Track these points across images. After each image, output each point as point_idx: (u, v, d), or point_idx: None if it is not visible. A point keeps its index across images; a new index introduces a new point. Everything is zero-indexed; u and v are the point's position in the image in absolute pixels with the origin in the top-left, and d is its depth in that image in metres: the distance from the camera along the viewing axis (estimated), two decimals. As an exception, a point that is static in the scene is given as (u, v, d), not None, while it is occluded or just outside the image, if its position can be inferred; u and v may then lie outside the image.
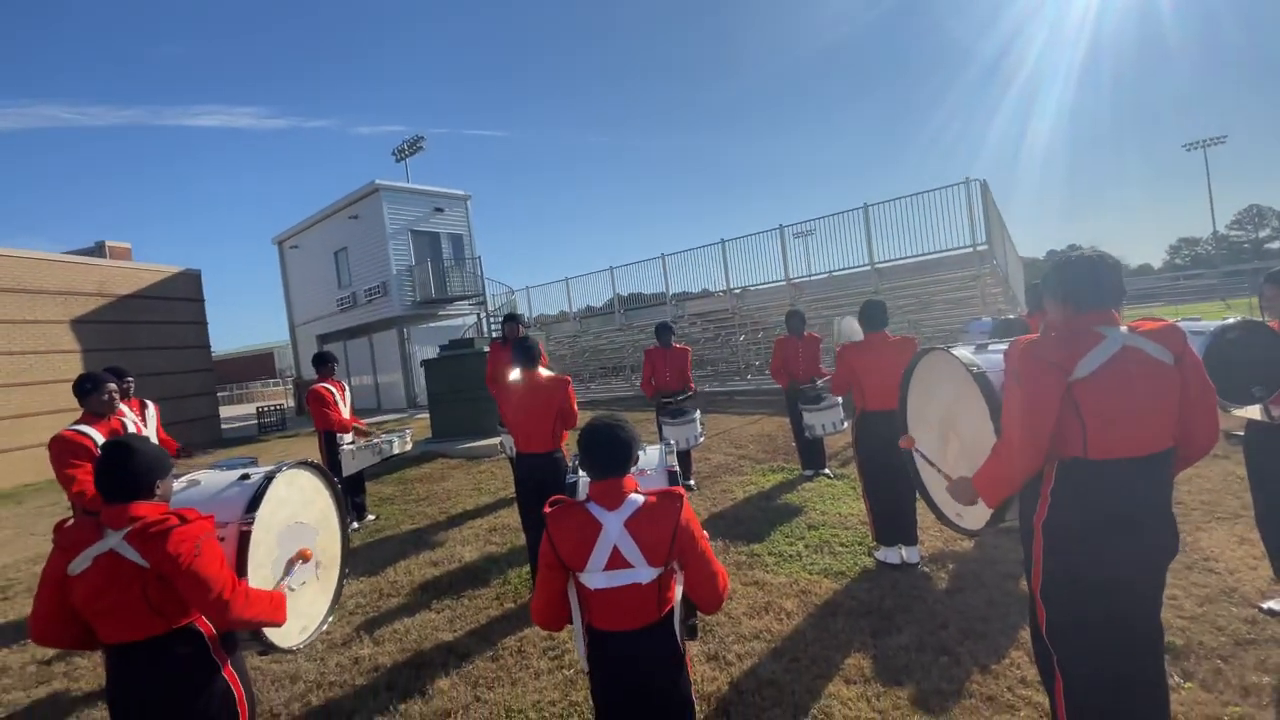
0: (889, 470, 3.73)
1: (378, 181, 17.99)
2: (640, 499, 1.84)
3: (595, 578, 1.81)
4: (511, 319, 6.08)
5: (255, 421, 17.24)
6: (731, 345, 15.69)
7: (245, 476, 2.56)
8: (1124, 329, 1.93)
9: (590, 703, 2.80)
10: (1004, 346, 2.54)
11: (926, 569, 3.81)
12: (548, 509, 1.91)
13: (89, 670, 3.70)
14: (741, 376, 14.54)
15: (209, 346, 16.98)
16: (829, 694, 2.74)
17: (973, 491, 2.19)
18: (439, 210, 19.23)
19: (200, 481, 2.56)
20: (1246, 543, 3.70)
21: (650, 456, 2.31)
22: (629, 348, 17.29)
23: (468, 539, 5.19)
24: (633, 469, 1.95)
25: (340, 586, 2.93)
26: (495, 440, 8.27)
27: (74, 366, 13.62)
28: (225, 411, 19.85)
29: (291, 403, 21.57)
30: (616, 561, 1.80)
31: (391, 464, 7.85)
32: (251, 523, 2.32)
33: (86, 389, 3.47)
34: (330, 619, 2.79)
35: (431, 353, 12.14)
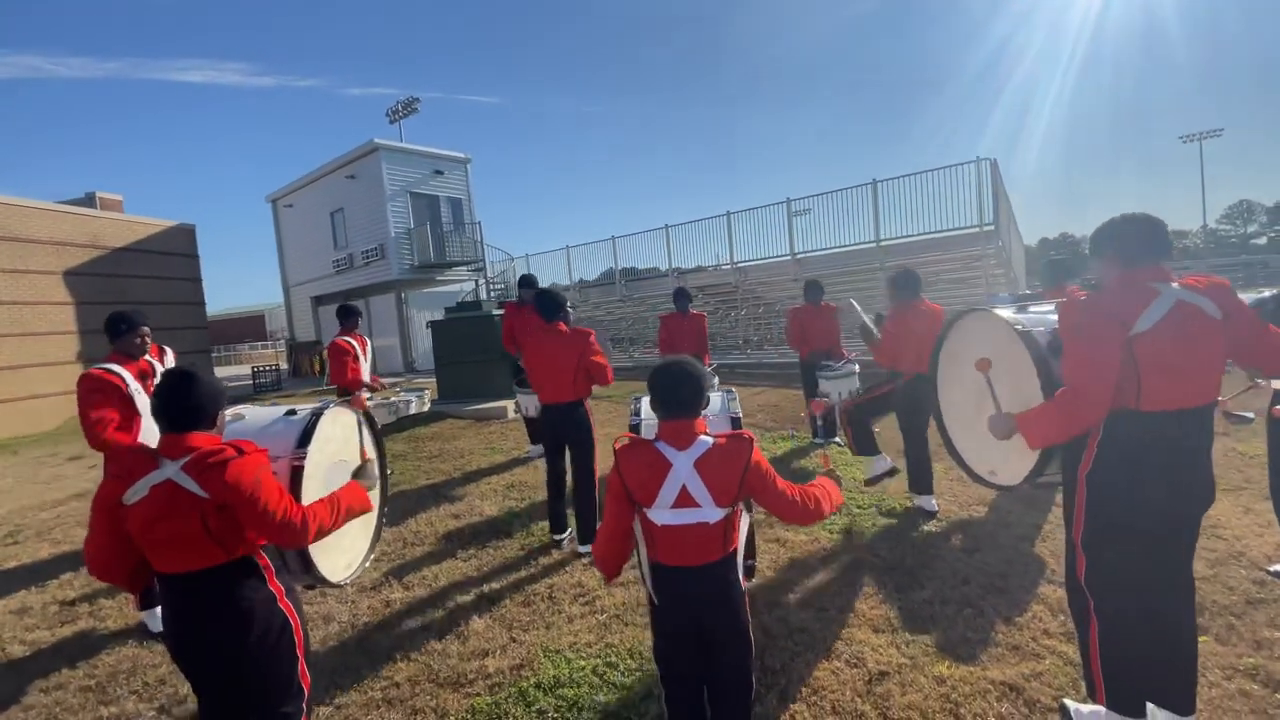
0: (913, 430, 4.03)
1: (377, 140, 17.62)
2: (710, 440, 1.87)
3: (662, 514, 1.86)
4: (528, 282, 6.06)
5: (250, 381, 17.12)
6: (731, 319, 15.73)
7: (291, 413, 2.57)
8: (1175, 284, 1.98)
9: (624, 644, 2.90)
10: (1045, 306, 2.60)
11: (943, 529, 3.92)
12: (617, 445, 1.95)
13: (114, 610, 3.73)
14: (741, 351, 14.61)
15: (203, 303, 16.77)
16: (859, 640, 2.84)
17: (1012, 429, 2.21)
18: (438, 173, 18.91)
19: (245, 416, 2.58)
20: (1251, 512, 3.84)
21: (712, 402, 2.34)
22: (629, 319, 17.28)
23: (486, 494, 5.25)
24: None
25: (380, 526, 2.98)
26: (503, 403, 8.30)
27: (66, 319, 13.43)
28: (216, 372, 19.67)
29: (285, 365, 21.36)
30: (684, 500, 1.83)
31: (400, 423, 7.85)
32: (304, 458, 2.34)
33: (121, 329, 3.44)
34: (371, 557, 2.83)
35: (428, 318, 12.08)
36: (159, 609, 3.36)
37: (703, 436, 1.88)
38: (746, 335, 15.20)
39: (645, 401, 2.63)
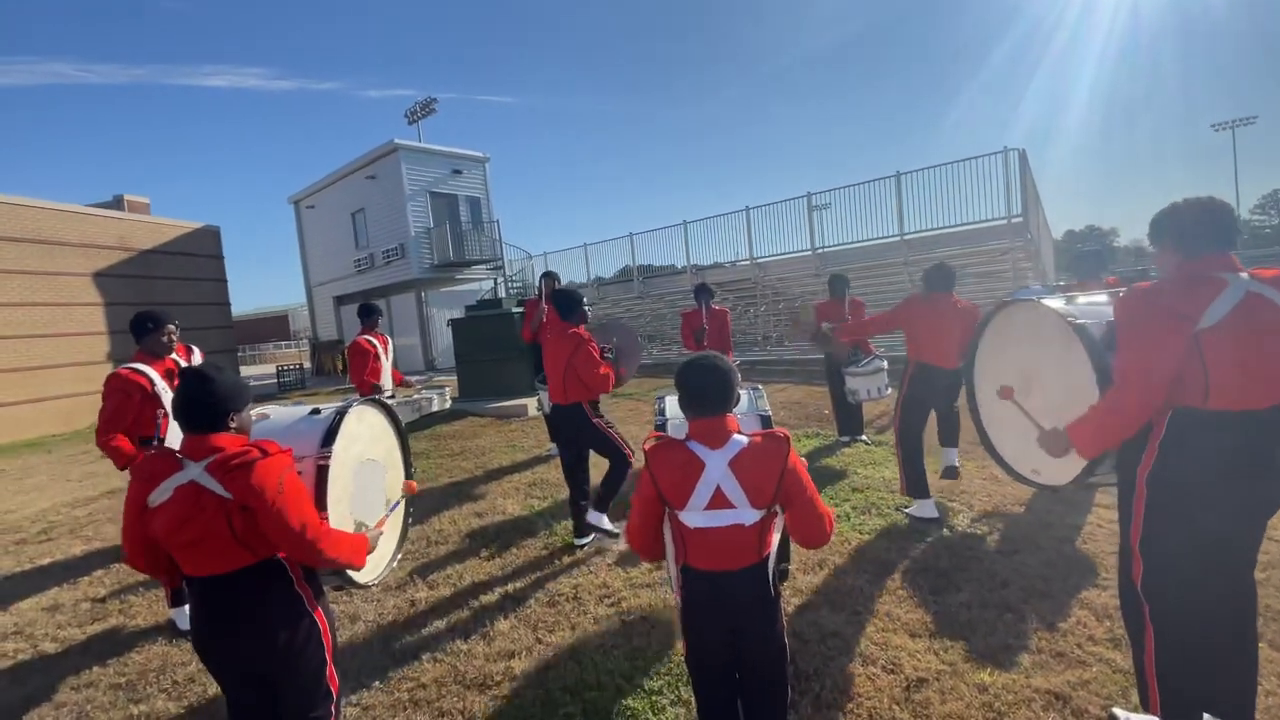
0: (921, 422, 4.04)
1: (396, 141, 17.74)
2: (744, 439, 1.79)
3: (695, 516, 1.78)
4: (549, 275, 6.02)
5: (275, 380, 17.36)
6: (751, 316, 15.58)
7: (316, 411, 2.54)
8: (1244, 275, 1.86)
9: (652, 647, 2.84)
10: (1098, 297, 2.48)
11: (978, 530, 3.80)
12: (646, 445, 1.88)
13: (144, 608, 3.76)
14: (761, 347, 14.46)
15: (229, 304, 17.04)
16: (895, 646, 2.74)
17: (1066, 443, 2.13)
18: (457, 172, 19.00)
19: (270, 415, 2.55)
20: (1306, 514, 3.66)
21: (740, 400, 2.26)
22: (647, 316, 17.20)
23: (508, 493, 5.22)
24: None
25: (407, 525, 2.95)
26: (523, 400, 8.29)
27: (96, 320, 13.72)
28: (242, 372, 19.97)
29: (309, 364, 21.63)
30: (719, 501, 1.76)
31: (422, 421, 7.89)
32: (329, 456, 2.30)
33: (148, 327, 3.45)
34: (399, 557, 2.80)
35: (448, 316, 12.13)
36: (188, 607, 3.39)
37: (736, 435, 1.80)
38: (766, 331, 15.05)
39: (670, 400, 2.56)
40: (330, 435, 2.37)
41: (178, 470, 1.73)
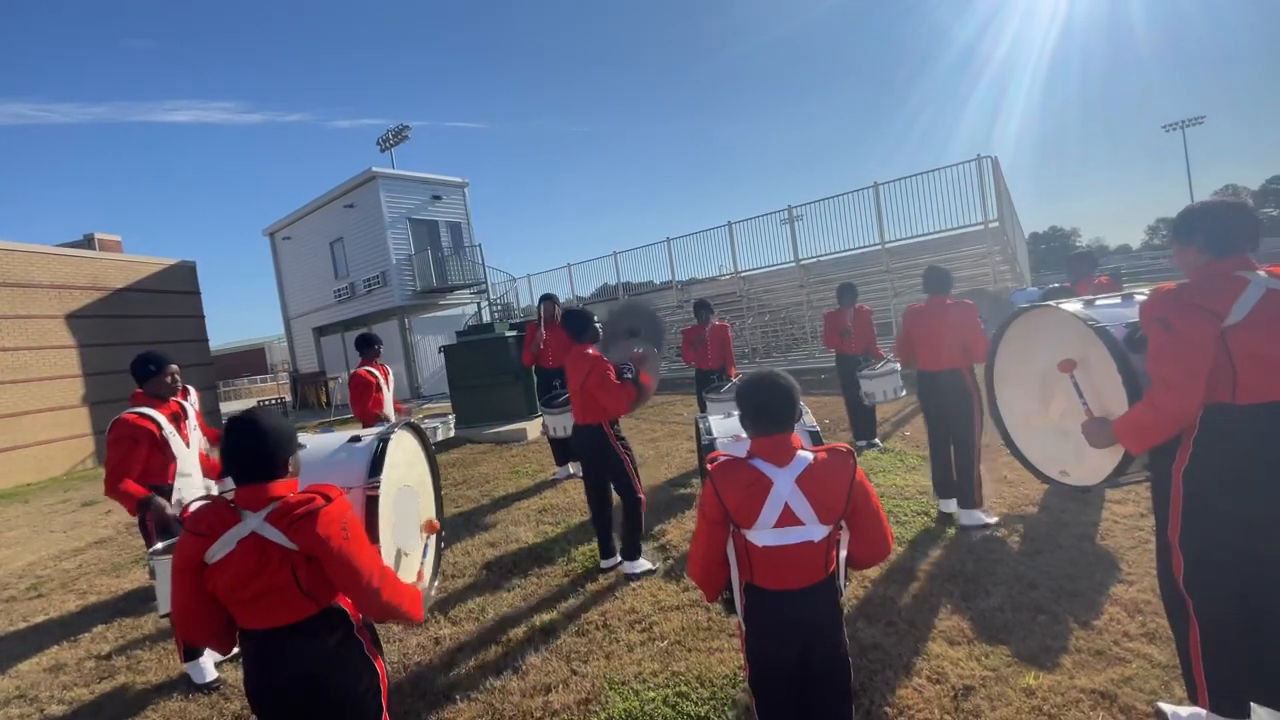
0: (938, 428, 4.10)
1: (374, 169, 17.66)
2: (810, 455, 1.79)
3: (764, 535, 1.77)
4: (548, 299, 6.00)
5: (256, 416, 16.98)
6: (737, 329, 15.69)
7: (355, 439, 2.48)
8: (1263, 273, 1.93)
9: (692, 671, 2.80)
10: (1114, 300, 2.54)
11: (998, 533, 3.84)
12: (710, 465, 1.87)
13: (154, 663, 3.62)
14: (750, 360, 14.54)
15: (207, 340, 16.67)
16: (936, 655, 2.74)
17: (1110, 436, 2.17)
18: (436, 198, 18.95)
19: (306, 445, 2.48)
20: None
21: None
22: (633, 333, 17.22)
23: (519, 520, 5.15)
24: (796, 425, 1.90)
25: (441, 550, 2.89)
26: (522, 425, 8.22)
27: (70, 362, 13.32)
28: (221, 408, 19.50)
29: (289, 397, 21.22)
30: (787, 519, 1.75)
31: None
32: (377, 486, 2.25)
33: (150, 370, 3.35)
34: (437, 583, 2.74)
35: (432, 342, 12.01)
36: (203, 659, 3.28)
37: (801, 452, 1.80)
38: (754, 344, 15.16)
39: (714, 420, 2.56)
40: (377, 465, 2.32)
41: (236, 522, 1.66)
